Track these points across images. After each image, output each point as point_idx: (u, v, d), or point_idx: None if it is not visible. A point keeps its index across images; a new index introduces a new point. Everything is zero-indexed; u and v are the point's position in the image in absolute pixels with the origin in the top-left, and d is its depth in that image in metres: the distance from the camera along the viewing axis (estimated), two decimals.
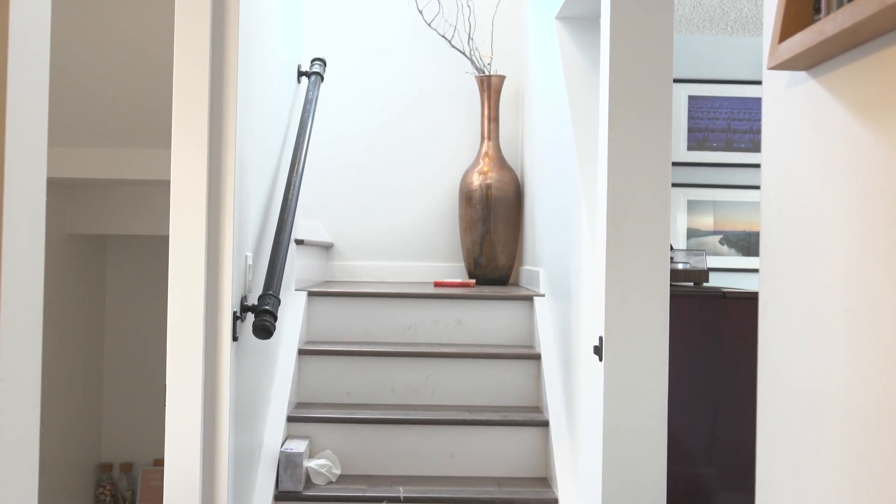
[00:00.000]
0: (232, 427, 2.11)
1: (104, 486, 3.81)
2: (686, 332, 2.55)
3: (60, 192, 3.53)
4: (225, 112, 2.07)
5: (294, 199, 2.61)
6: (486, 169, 3.91)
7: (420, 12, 4.12)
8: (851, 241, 0.91)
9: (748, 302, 2.59)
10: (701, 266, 2.95)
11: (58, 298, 3.46)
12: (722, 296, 2.61)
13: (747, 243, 3.96)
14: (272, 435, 2.67)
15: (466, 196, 3.92)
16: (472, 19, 4.16)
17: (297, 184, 2.66)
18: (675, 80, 3.90)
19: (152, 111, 2.93)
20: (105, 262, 3.93)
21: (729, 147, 3.96)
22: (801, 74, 1.04)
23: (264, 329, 2.17)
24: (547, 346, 3.00)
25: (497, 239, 3.89)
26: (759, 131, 3.94)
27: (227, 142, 2.07)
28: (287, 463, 2.61)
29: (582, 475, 2.45)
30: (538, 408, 2.98)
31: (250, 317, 2.26)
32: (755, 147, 3.96)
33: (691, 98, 3.96)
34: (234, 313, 2.11)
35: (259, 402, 2.56)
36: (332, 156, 4.19)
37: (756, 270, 3.93)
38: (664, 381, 2.05)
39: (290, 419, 2.79)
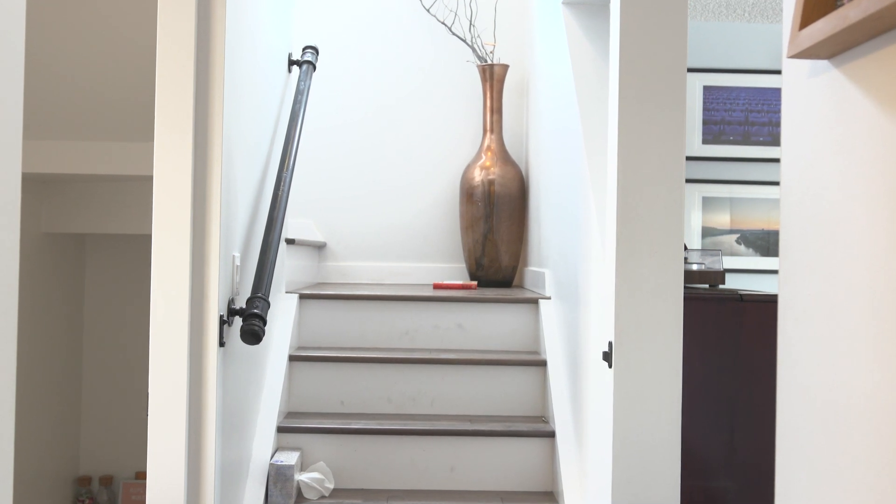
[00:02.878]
0: (218, 438, 2.11)
1: (83, 501, 3.81)
2: (701, 337, 2.55)
3: (36, 188, 3.53)
4: (211, 103, 2.07)
5: (284, 195, 2.61)
6: (488, 163, 3.91)
7: None
8: (877, 241, 0.91)
9: (767, 305, 2.59)
10: (717, 267, 2.95)
11: (33, 302, 3.46)
12: (739, 299, 2.61)
13: (766, 243, 3.96)
14: (261, 447, 2.67)
15: (467, 192, 3.92)
16: (473, 5, 4.16)
17: (287, 180, 2.66)
18: (690, 70, 3.90)
19: (134, 102, 2.93)
20: (83, 263, 3.93)
21: (746, 141, 3.96)
22: (824, 63, 1.04)
23: (253, 334, 2.17)
24: (553, 352, 3.01)
25: (500, 238, 3.89)
26: (778, 124, 3.94)
27: (214, 135, 2.07)
28: (277, 476, 2.61)
29: (590, 489, 2.45)
30: (544, 417, 2.98)
31: (238, 321, 2.26)
32: (774, 141, 3.96)
33: (706, 89, 3.96)
34: (221, 317, 2.11)
35: (247, 412, 2.56)
36: (324, 151, 4.19)
37: (775, 272, 3.93)
38: (678, 390, 2.05)
39: (280, 430, 2.79)
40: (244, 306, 2.24)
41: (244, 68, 2.37)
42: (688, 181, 3.84)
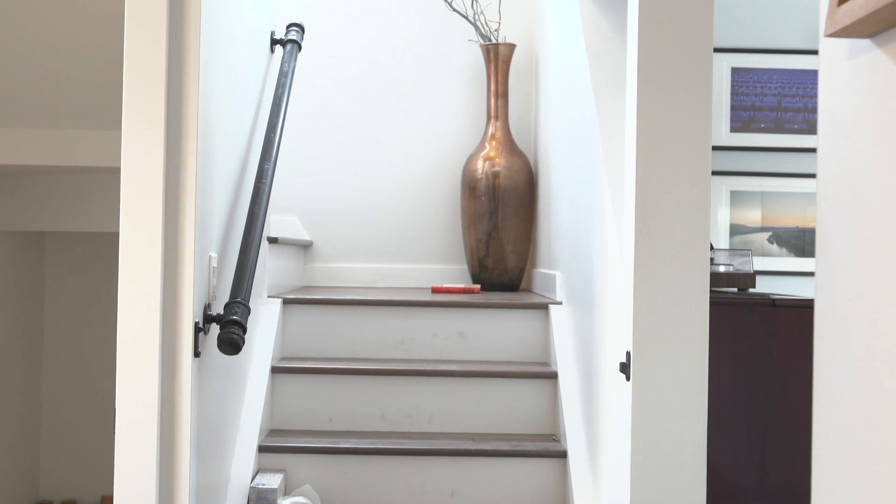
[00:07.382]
0: (193, 459, 2.11)
1: None
2: (729, 346, 2.55)
3: None
4: (185, 87, 2.07)
5: (267, 189, 2.61)
6: (492, 154, 3.91)
7: None
8: None
9: (802, 311, 2.59)
10: (746, 269, 2.96)
11: None
12: (771, 304, 2.61)
13: (801, 242, 3.97)
14: (240, 468, 2.67)
15: (470, 186, 3.92)
16: None
17: (270, 172, 2.66)
18: (716, 50, 3.90)
19: (99, 85, 2.93)
20: (44, 264, 3.93)
21: (779, 128, 3.96)
22: (865, 43, 1.04)
23: (231, 343, 2.17)
24: (565, 364, 3.01)
25: (506, 237, 3.89)
26: (814, 110, 3.94)
27: (188, 122, 2.07)
28: (258, 500, 2.61)
29: None
30: (554, 436, 2.98)
31: (215, 328, 2.26)
32: (810, 128, 3.96)
33: (735, 70, 3.96)
34: (196, 324, 2.11)
35: (225, 429, 2.56)
36: (312, 138, 4.19)
37: (811, 274, 3.92)
38: (703, 405, 2.05)
39: (261, 449, 2.79)
40: (222, 312, 2.24)
41: (222, 48, 2.37)
42: (714, 173, 3.84)
